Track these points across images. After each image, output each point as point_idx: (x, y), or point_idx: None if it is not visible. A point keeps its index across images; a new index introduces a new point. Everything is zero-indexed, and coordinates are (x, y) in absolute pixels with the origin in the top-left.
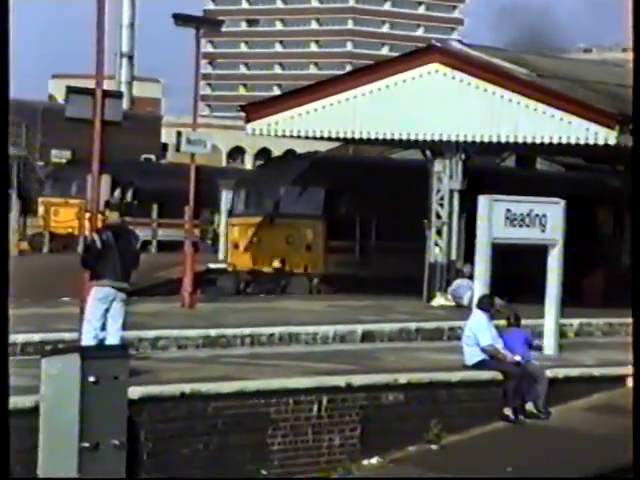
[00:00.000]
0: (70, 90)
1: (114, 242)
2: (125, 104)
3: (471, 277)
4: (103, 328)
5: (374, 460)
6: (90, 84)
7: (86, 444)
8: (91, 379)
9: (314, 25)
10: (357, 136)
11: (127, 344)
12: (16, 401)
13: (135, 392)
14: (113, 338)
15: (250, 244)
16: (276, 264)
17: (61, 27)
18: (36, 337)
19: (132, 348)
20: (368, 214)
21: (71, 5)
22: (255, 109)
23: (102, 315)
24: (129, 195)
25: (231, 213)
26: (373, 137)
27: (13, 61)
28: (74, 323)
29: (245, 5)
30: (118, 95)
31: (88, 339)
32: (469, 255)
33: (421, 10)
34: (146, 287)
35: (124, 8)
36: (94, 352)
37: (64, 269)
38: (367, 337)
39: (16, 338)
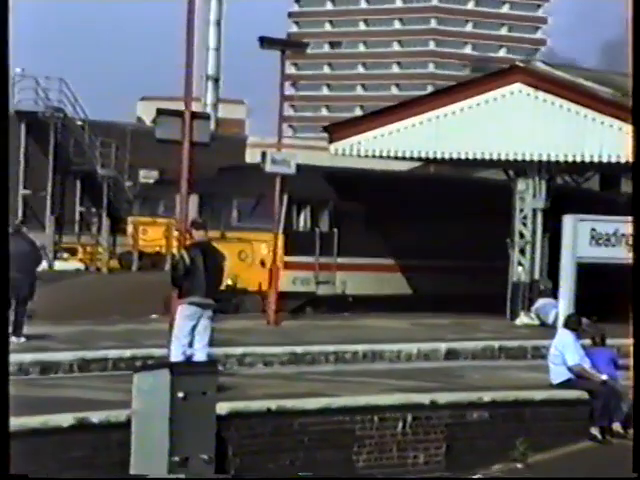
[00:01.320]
0: (160, 112)
1: (202, 260)
2: (211, 125)
3: (553, 294)
4: (191, 345)
5: None
6: (178, 106)
7: (176, 458)
8: (180, 394)
9: (396, 47)
10: (439, 156)
11: (215, 360)
12: (110, 415)
13: (223, 408)
14: (200, 354)
15: None
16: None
17: (149, 51)
18: (127, 353)
19: (219, 364)
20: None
21: (159, 29)
22: (338, 130)
23: (189, 332)
24: None
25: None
26: (455, 157)
27: (105, 84)
28: (163, 339)
29: (328, 28)
30: (206, 117)
31: (177, 355)
32: (552, 274)
33: (505, 9)
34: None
35: (210, 32)
36: (183, 368)
37: (153, 287)
38: (450, 355)
39: (108, 354)
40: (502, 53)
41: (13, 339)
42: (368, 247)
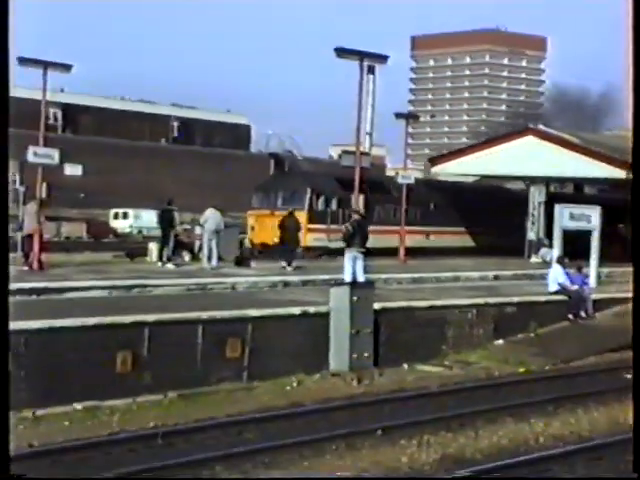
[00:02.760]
0: (345, 152)
1: (357, 228)
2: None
3: (550, 245)
4: (354, 273)
5: (500, 341)
6: (352, 148)
7: (353, 331)
8: (354, 298)
9: (466, 105)
10: (489, 174)
11: (372, 281)
12: (319, 309)
13: (376, 306)
14: (361, 278)
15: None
16: (275, 239)
17: (333, 111)
18: (326, 277)
19: (375, 283)
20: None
21: (346, 98)
22: (436, 160)
23: (352, 266)
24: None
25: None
26: (497, 175)
27: (309, 134)
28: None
29: (429, 107)
30: (367, 154)
31: (347, 279)
32: (549, 235)
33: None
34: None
35: (369, 99)
36: (356, 285)
37: None
38: (495, 278)
39: (317, 277)
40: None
41: (288, 268)
42: (446, 221)
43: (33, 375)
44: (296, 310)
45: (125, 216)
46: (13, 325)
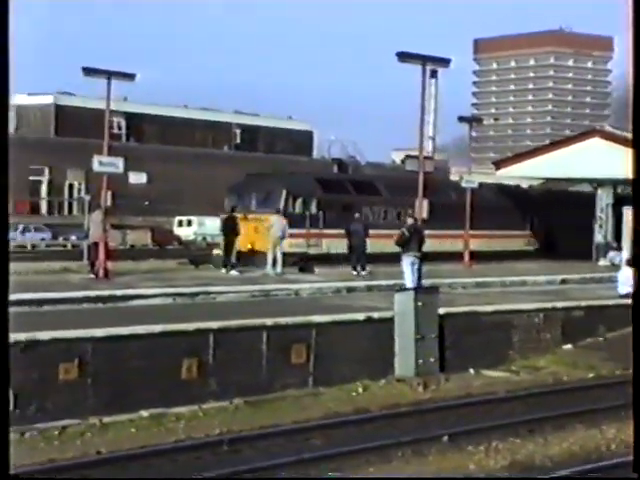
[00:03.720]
0: (408, 157)
1: (414, 232)
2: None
3: (618, 248)
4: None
5: (569, 346)
6: (415, 153)
7: (418, 336)
8: (419, 303)
9: (530, 108)
10: (554, 177)
11: (436, 286)
12: (383, 314)
13: (441, 310)
14: (420, 283)
15: None
16: (249, 245)
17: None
18: (390, 282)
19: (439, 287)
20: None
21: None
22: (500, 164)
23: (412, 271)
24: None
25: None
26: (563, 177)
27: (368, 138)
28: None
29: (493, 110)
30: (430, 158)
31: (409, 284)
32: (617, 238)
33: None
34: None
35: (432, 103)
36: (419, 290)
37: None
38: (563, 282)
39: (382, 283)
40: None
41: (362, 273)
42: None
43: (99, 383)
44: (360, 316)
45: (189, 223)
46: (80, 333)
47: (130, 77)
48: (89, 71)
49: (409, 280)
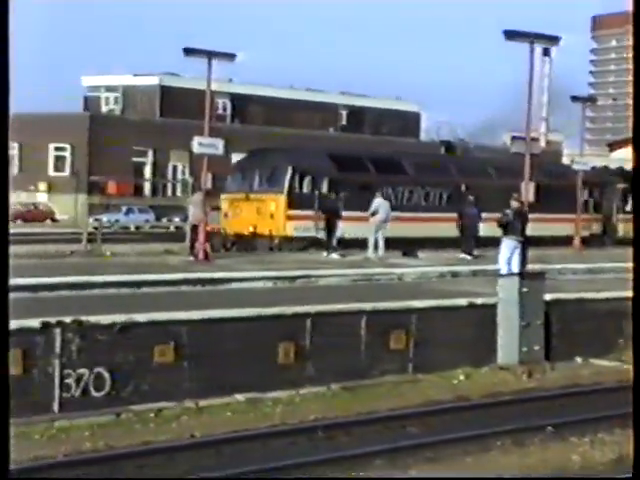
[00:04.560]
0: (514, 138)
1: (518, 215)
2: (542, 143)
3: None
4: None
5: None
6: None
7: (523, 323)
8: (524, 289)
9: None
10: None
11: (543, 272)
12: (487, 300)
13: (548, 297)
14: (516, 268)
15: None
16: (251, 229)
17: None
18: (494, 268)
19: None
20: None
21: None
22: (617, 144)
23: (511, 255)
24: None
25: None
26: None
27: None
28: None
29: (611, 90)
30: (537, 139)
31: (503, 268)
32: None
33: None
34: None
35: (544, 83)
36: (524, 275)
37: None
38: None
39: (487, 268)
40: None
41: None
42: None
43: (195, 366)
44: (462, 301)
45: None
46: (175, 315)
47: (230, 57)
48: (189, 51)
49: (503, 264)
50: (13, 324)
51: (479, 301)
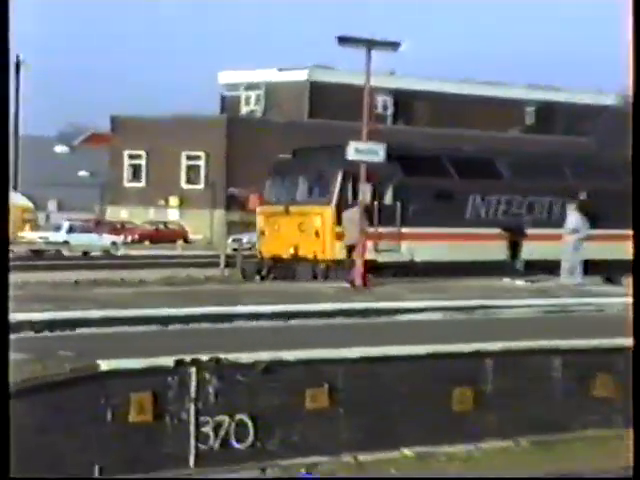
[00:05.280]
0: None
1: None
2: None
3: None
4: None
5: None
6: None
7: None
8: None
9: None
10: None
11: None
12: None
13: None
14: None
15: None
16: (290, 251)
17: None
18: None
19: None
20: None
21: None
22: None
23: None
24: None
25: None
26: None
27: None
28: None
29: None
30: None
31: None
32: None
33: None
34: None
35: None
36: None
37: None
38: None
39: None
40: None
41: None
42: None
43: (354, 413)
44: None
45: None
46: (330, 353)
47: (393, 46)
48: (345, 40)
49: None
50: (141, 363)
51: None
